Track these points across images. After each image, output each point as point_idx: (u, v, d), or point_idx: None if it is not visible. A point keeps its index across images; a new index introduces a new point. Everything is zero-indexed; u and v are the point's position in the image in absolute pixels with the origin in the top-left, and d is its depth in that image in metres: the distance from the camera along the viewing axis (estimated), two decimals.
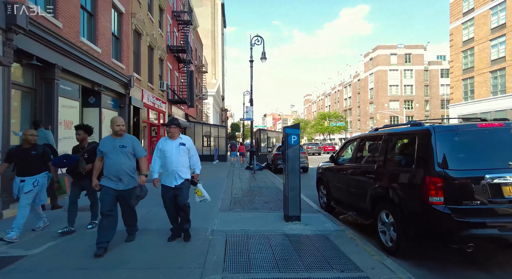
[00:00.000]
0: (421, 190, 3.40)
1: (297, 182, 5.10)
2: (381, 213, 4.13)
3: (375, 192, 4.29)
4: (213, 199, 7.21)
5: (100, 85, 9.00)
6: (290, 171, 5.09)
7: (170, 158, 3.94)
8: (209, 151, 23.57)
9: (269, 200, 7.07)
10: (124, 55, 11.05)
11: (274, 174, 13.68)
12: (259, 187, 9.24)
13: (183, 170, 4.00)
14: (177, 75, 20.43)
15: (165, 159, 3.99)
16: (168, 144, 4.00)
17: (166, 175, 4.04)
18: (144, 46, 13.36)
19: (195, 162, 4.21)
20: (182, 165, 3.99)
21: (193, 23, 25.16)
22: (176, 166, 3.94)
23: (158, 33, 15.55)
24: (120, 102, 11.07)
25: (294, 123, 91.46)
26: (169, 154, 3.95)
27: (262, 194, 8.01)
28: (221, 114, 53.65)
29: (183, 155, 4.01)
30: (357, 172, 5.03)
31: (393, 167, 4.09)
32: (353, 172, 5.14)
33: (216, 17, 50.98)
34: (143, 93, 12.99)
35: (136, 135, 12.26)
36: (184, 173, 4.01)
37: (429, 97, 54.78)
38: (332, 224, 4.97)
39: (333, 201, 6.00)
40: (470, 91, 31.15)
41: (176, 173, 3.94)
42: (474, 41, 30.34)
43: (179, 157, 3.97)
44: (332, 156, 6.12)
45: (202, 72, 31.18)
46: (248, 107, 16.87)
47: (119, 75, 10.31)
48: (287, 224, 4.93)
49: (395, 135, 4.23)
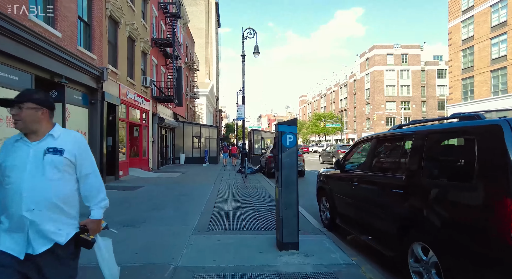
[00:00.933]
0: (491, 220, 2.15)
1: (294, 197, 3.81)
2: (414, 246, 2.87)
3: (404, 214, 3.03)
4: (190, 213, 5.93)
5: (61, 76, 7.63)
6: (285, 183, 3.80)
7: (17, 184, 1.56)
8: (199, 153, 22.21)
9: (260, 215, 5.77)
10: (96, 44, 9.67)
11: (268, 179, 12.40)
12: (249, 196, 7.95)
13: (53, 217, 1.61)
14: (164, 71, 19.05)
15: (6, 188, 1.58)
16: (16, 152, 1.62)
17: (5, 230, 1.59)
18: (122, 37, 11.99)
19: (93, 191, 1.81)
20: (51, 203, 1.60)
21: (183, 17, 23.82)
22: (32, 206, 1.55)
23: (140, 24, 14.18)
24: (91, 97, 9.69)
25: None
26: (16, 176, 1.57)
27: (252, 205, 6.71)
28: (215, 115, 52.27)
29: (54, 176, 1.61)
30: (374, 184, 3.77)
31: (434, 180, 2.83)
32: (369, 183, 3.88)
33: (210, 17, 49.88)
34: (121, 89, 11.62)
35: (111, 136, 10.88)
36: (55, 225, 1.61)
37: (426, 97, 54.11)
38: (341, 255, 3.69)
39: (338, 218, 4.73)
40: (470, 91, 30.29)
41: (31, 224, 1.55)
42: (474, 39, 29.49)
43: (44, 181, 1.59)
44: (337, 162, 4.85)
45: (193, 70, 29.81)
46: (240, 105, 15.57)
47: (88, 66, 8.93)
48: (280, 255, 3.64)
49: (436, 134, 2.97)
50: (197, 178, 12.74)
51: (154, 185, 10.14)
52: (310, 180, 12.75)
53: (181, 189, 9.27)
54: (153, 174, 13.73)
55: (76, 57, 8.22)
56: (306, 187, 10.73)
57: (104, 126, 10.08)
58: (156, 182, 10.99)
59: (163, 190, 8.96)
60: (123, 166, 12.01)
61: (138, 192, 8.58)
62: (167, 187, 9.60)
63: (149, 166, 15.45)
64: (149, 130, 15.64)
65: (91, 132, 9.66)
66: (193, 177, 12.89)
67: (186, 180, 11.77)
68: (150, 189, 9.21)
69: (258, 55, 15.65)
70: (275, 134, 4.06)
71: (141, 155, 14.64)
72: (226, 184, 10.42)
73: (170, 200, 7.30)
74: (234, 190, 9.00)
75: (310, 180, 12.82)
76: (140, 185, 9.88)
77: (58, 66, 7.50)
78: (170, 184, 10.38)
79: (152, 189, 9.13)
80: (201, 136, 22.76)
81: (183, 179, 12.20)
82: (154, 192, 8.61)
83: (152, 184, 10.36)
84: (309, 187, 10.59)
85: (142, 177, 12.27)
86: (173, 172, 14.74)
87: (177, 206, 6.56)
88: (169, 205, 6.73)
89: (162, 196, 7.98)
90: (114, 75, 11.09)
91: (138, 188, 9.15)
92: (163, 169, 16.74)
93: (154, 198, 7.55)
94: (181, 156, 21.47)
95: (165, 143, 19.73)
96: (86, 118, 9.55)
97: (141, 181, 11.15)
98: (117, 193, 8.15)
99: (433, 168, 2.90)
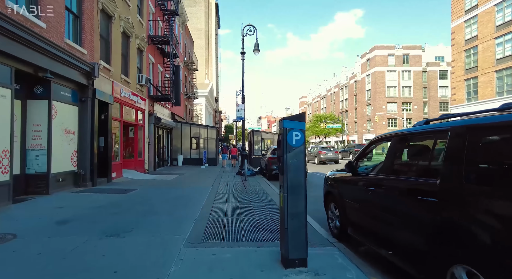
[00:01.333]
0: None
1: (301, 205, 3.24)
2: (456, 269, 2.29)
3: (440, 228, 2.46)
4: (184, 220, 5.36)
5: (46, 70, 7.06)
6: (291, 188, 3.23)
7: None
8: (197, 154, 21.63)
9: (260, 222, 5.19)
10: (86, 37, 9.12)
11: (268, 181, 11.83)
12: (249, 200, 7.37)
13: None
14: (162, 70, 18.50)
15: None
16: None
17: None
18: (116, 32, 11.44)
19: None
20: None
21: (182, 16, 23.30)
22: None
23: (136, 20, 13.64)
24: (81, 94, 9.12)
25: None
26: None
27: (252, 211, 6.13)
28: (214, 116, 51.75)
29: None
30: (397, 190, 3.19)
31: (481, 185, 2.26)
32: (390, 189, 3.30)
33: (210, 17, 49.57)
34: (114, 86, 11.05)
35: (104, 135, 10.31)
36: None
37: (427, 99, 53.60)
38: (357, 273, 3.11)
39: (350, 228, 4.15)
40: (474, 91, 29.77)
41: None
42: (477, 39, 28.99)
43: None
44: (349, 163, 4.27)
45: (192, 69, 29.27)
46: (239, 105, 15.02)
47: (77, 61, 8.38)
48: (286, 275, 3.06)
49: (481, 130, 2.40)
50: (195, 180, 12.16)
51: (148, 187, 9.56)
52: (312, 181, 12.17)
53: (176, 192, 8.69)
54: (149, 176, 13.15)
55: (64, 51, 7.66)
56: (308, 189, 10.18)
57: (95, 125, 9.50)
58: (151, 184, 10.41)
59: (156, 194, 8.38)
60: (117, 167, 11.43)
61: (129, 195, 8.00)
62: (161, 190, 9.02)
63: (145, 167, 14.86)
64: (145, 130, 15.06)
65: (81, 131, 9.09)
66: (190, 179, 12.31)
67: (182, 183, 11.19)
68: (143, 192, 8.63)
69: (258, 52, 15.12)
70: (279, 131, 3.50)
71: (136, 156, 14.06)
72: (224, 187, 9.84)
73: (163, 205, 6.72)
74: (232, 194, 8.42)
75: (312, 181, 12.25)
76: (133, 187, 9.29)
77: (43, 60, 6.94)
78: (165, 187, 9.80)
79: (145, 192, 8.56)
80: (199, 137, 22.19)
81: (179, 181, 11.62)
82: (147, 196, 8.03)
83: (146, 186, 9.78)
84: (312, 189, 10.01)
85: (137, 179, 11.69)
86: (169, 174, 14.16)
87: (170, 212, 5.99)
88: (162, 210, 6.15)
89: (155, 200, 7.40)
90: (106, 71, 10.53)
91: (130, 191, 8.57)
92: (159, 171, 16.15)
93: (146, 202, 6.98)
94: (179, 158, 20.89)
95: (162, 144, 19.15)
96: (75, 116, 8.98)
97: (135, 183, 10.56)
98: (106, 197, 7.57)
99: (479, 171, 2.33)
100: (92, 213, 5.75)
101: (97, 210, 6.02)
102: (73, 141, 8.83)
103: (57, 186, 7.92)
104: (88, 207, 6.28)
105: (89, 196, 7.70)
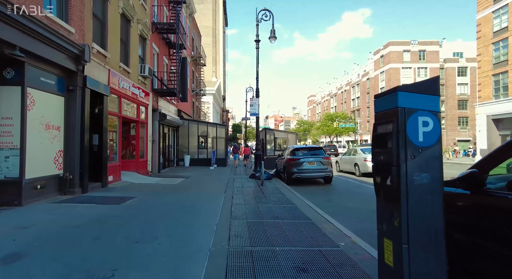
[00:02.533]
0: None
1: (439, 267, 1.53)
2: None
3: None
4: (191, 254, 3.70)
5: (14, 46, 5.48)
6: (417, 234, 1.52)
7: None
8: (205, 154, 20.03)
9: (306, 259, 3.48)
10: (74, 13, 7.55)
11: (288, 186, 10.13)
12: (275, 216, 5.66)
13: None
14: (167, 62, 16.94)
15: None
16: None
17: None
18: (114, 13, 9.87)
19: None
20: None
21: (189, 6, 21.73)
22: None
23: (138, 3, 12.08)
24: (68, 82, 7.55)
25: (297, 125, 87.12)
26: None
27: (285, 235, 4.43)
28: (221, 115, 50.22)
29: None
30: None
31: None
32: None
33: (217, 15, 48.30)
34: (111, 75, 9.48)
35: (98, 133, 8.74)
36: None
37: (445, 97, 51.05)
38: None
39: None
40: (503, 87, 27.51)
41: None
42: (508, 30, 26.73)
43: None
44: (470, 175, 2.54)
45: (200, 65, 27.71)
46: (254, 99, 13.36)
47: (62, 40, 6.80)
48: None
49: None
50: (204, 184, 10.52)
51: (149, 194, 7.96)
52: (340, 188, 10.43)
53: (182, 201, 7.07)
54: (152, 179, 11.57)
55: (41, 25, 6.08)
56: (339, 198, 8.49)
57: (86, 120, 7.93)
58: (153, 190, 8.81)
59: (158, 204, 6.76)
60: (114, 170, 9.87)
61: (124, 206, 6.39)
62: (164, 199, 7.40)
63: (147, 169, 13.29)
64: (149, 127, 13.50)
65: (68, 126, 7.53)
66: (199, 184, 10.68)
67: (190, 188, 9.56)
68: (142, 201, 7.02)
69: (274, 40, 13.51)
70: (377, 119, 1.81)
71: (138, 156, 12.50)
72: (240, 195, 8.17)
73: (164, 222, 5.08)
74: (252, 205, 6.74)
75: (339, 187, 10.50)
76: (131, 195, 7.69)
77: (10, 33, 5.36)
78: (169, 194, 8.18)
79: (144, 202, 6.94)
80: (208, 135, 20.58)
81: (186, 186, 10.00)
82: (145, 207, 6.41)
83: (147, 193, 8.18)
84: (343, 197, 8.28)
85: (137, 183, 10.10)
86: (175, 177, 12.56)
87: (172, 234, 4.35)
88: (161, 231, 4.51)
89: (155, 213, 5.77)
90: (101, 57, 8.96)
91: (127, 200, 6.96)
92: (164, 173, 14.58)
93: (143, 218, 5.35)
94: (185, 158, 19.31)
95: (167, 143, 17.60)
96: (61, 108, 7.42)
97: (134, 189, 8.97)
98: (94, 209, 5.97)
99: None
100: (63, 238, 4.14)
101: (72, 232, 4.41)
102: (58, 138, 7.27)
103: (34, 194, 6.36)
104: (62, 226, 4.67)
105: (72, 207, 6.10)
